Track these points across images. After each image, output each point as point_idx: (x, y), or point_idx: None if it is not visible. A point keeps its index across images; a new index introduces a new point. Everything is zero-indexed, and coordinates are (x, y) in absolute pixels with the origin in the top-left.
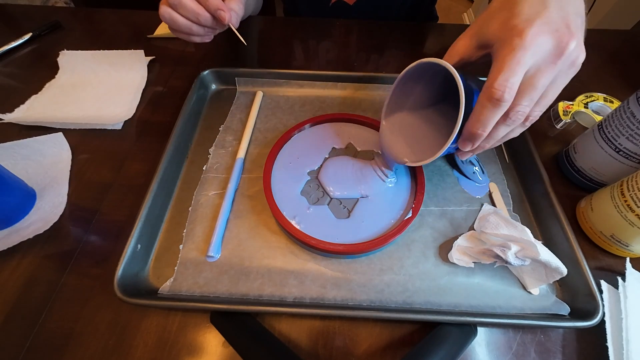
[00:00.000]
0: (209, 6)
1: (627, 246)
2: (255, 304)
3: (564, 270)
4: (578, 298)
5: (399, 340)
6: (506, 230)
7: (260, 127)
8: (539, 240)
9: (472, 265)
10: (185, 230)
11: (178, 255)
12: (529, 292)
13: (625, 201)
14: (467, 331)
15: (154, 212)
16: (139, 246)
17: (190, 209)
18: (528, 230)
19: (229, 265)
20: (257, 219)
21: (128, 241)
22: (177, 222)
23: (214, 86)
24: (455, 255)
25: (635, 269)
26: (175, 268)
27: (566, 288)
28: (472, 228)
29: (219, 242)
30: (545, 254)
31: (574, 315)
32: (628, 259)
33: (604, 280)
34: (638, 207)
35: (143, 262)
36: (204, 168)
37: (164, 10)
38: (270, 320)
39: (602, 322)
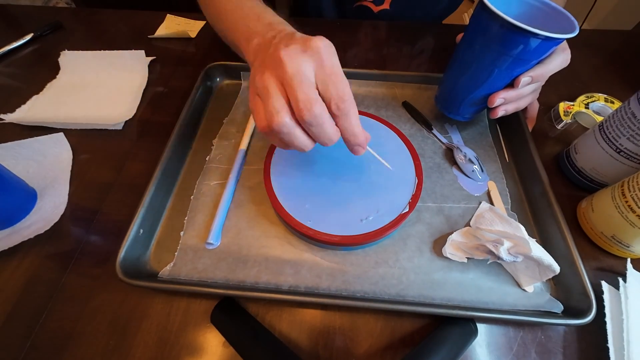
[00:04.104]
0: (346, 127)
1: (628, 247)
2: (251, 290)
3: (557, 268)
4: (572, 296)
5: (400, 340)
6: (500, 226)
7: None
8: (534, 238)
9: (466, 260)
10: (186, 218)
11: (179, 242)
12: (523, 290)
13: (626, 202)
14: (468, 331)
15: (157, 199)
16: (141, 231)
17: (192, 197)
18: (522, 228)
19: (228, 252)
20: (256, 209)
21: (131, 225)
22: (179, 209)
23: (219, 79)
24: (448, 249)
25: (636, 270)
26: (176, 254)
27: (561, 286)
28: (468, 225)
29: (218, 230)
30: (538, 251)
31: (568, 313)
32: (629, 260)
33: (605, 281)
34: (639, 207)
35: (145, 246)
36: (207, 158)
37: (281, 109)
38: (270, 320)
39: (602, 322)
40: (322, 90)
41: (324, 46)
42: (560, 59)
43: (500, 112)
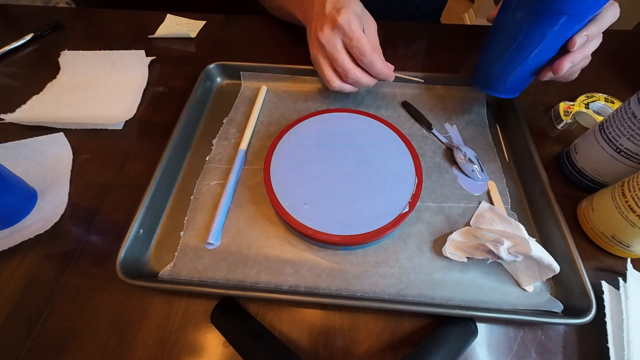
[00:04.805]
0: (377, 75)
1: (628, 247)
2: (251, 290)
3: (557, 267)
4: (572, 296)
5: (400, 340)
6: (500, 226)
7: (263, 121)
8: (534, 238)
9: (465, 260)
10: (186, 218)
11: (179, 242)
12: (523, 289)
13: (627, 202)
14: (468, 331)
15: (157, 199)
16: (141, 231)
17: (192, 197)
18: (522, 227)
19: (228, 252)
20: (256, 209)
21: (131, 225)
22: (179, 209)
23: (219, 79)
24: (448, 249)
25: (637, 270)
26: (176, 253)
27: (561, 286)
28: (468, 225)
29: (218, 230)
30: (538, 251)
31: (568, 312)
32: (629, 260)
33: (605, 281)
34: (639, 207)
35: (145, 246)
36: (206, 158)
37: (331, 78)
38: (270, 320)
39: (603, 322)
40: (350, 50)
41: (344, 22)
42: (612, 13)
43: (566, 67)
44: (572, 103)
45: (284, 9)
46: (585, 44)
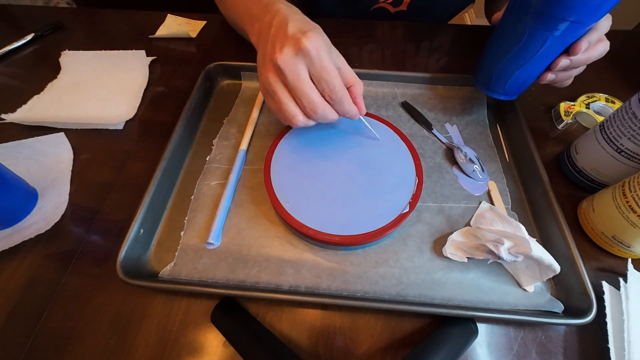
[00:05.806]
0: (344, 114)
1: (629, 247)
2: (251, 290)
3: (557, 267)
4: (573, 296)
5: (400, 340)
6: (501, 226)
7: (263, 121)
8: (534, 238)
9: (466, 260)
10: (187, 218)
11: (179, 242)
12: (524, 290)
13: (627, 202)
14: (468, 332)
15: (157, 199)
16: (142, 231)
17: (192, 197)
18: (523, 227)
19: (228, 252)
20: (257, 209)
21: (131, 225)
22: (179, 209)
23: (219, 79)
24: (449, 249)
25: (637, 270)
26: (176, 253)
27: (561, 286)
28: (468, 225)
29: (219, 230)
30: (538, 251)
31: (568, 313)
32: (630, 260)
33: (606, 281)
34: None
35: (145, 246)
36: (207, 158)
37: (295, 113)
38: (270, 320)
39: (603, 323)
40: (316, 82)
41: (312, 47)
42: (607, 22)
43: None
44: (572, 103)
45: (238, 24)
46: (588, 50)
